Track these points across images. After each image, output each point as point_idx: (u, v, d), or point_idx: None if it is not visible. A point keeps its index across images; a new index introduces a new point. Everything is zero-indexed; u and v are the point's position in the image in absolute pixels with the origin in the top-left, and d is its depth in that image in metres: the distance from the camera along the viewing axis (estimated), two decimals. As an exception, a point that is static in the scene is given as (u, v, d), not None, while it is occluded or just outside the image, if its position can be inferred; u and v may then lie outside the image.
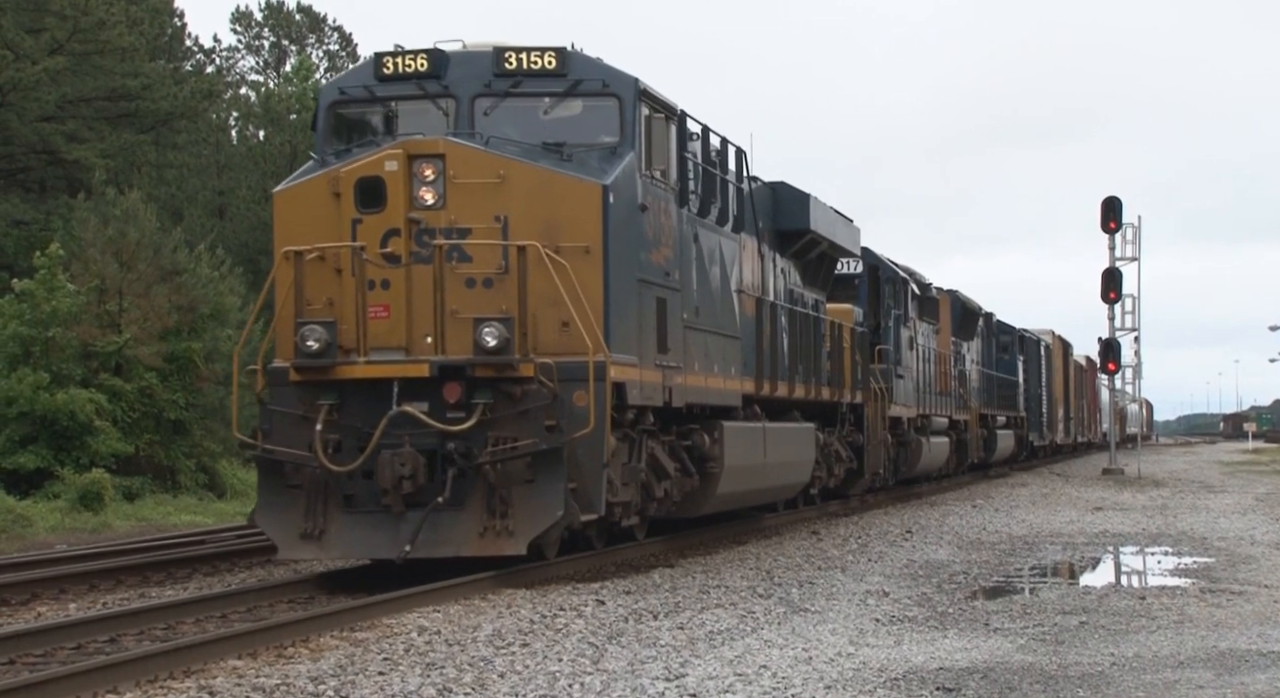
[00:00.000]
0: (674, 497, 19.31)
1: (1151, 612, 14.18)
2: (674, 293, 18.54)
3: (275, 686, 10.14)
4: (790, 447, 23.87)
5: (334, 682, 10.30)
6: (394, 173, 15.95)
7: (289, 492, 15.77)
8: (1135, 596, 15.45)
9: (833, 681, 10.52)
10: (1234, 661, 11.46)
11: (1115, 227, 49.31)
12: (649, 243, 17.70)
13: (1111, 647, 12.09)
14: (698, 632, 12.73)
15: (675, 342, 18.52)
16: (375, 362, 15.84)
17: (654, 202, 17.84)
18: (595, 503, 16.12)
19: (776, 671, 10.87)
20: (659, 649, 11.79)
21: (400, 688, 10.13)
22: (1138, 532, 24.36)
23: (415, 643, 11.95)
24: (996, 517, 27.68)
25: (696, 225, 19.62)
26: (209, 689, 10.11)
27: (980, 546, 21.65)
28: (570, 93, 17.15)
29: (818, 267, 27.78)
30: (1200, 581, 16.99)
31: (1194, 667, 11.19)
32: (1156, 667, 11.18)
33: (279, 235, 16.45)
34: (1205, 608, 14.45)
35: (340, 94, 17.39)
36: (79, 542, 22.63)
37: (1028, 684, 10.47)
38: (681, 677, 10.61)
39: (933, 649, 11.93)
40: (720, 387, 20.37)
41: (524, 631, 12.63)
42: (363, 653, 11.44)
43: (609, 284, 16.40)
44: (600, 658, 11.36)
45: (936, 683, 10.47)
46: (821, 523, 25.78)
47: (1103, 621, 13.58)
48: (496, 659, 11.21)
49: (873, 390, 29.89)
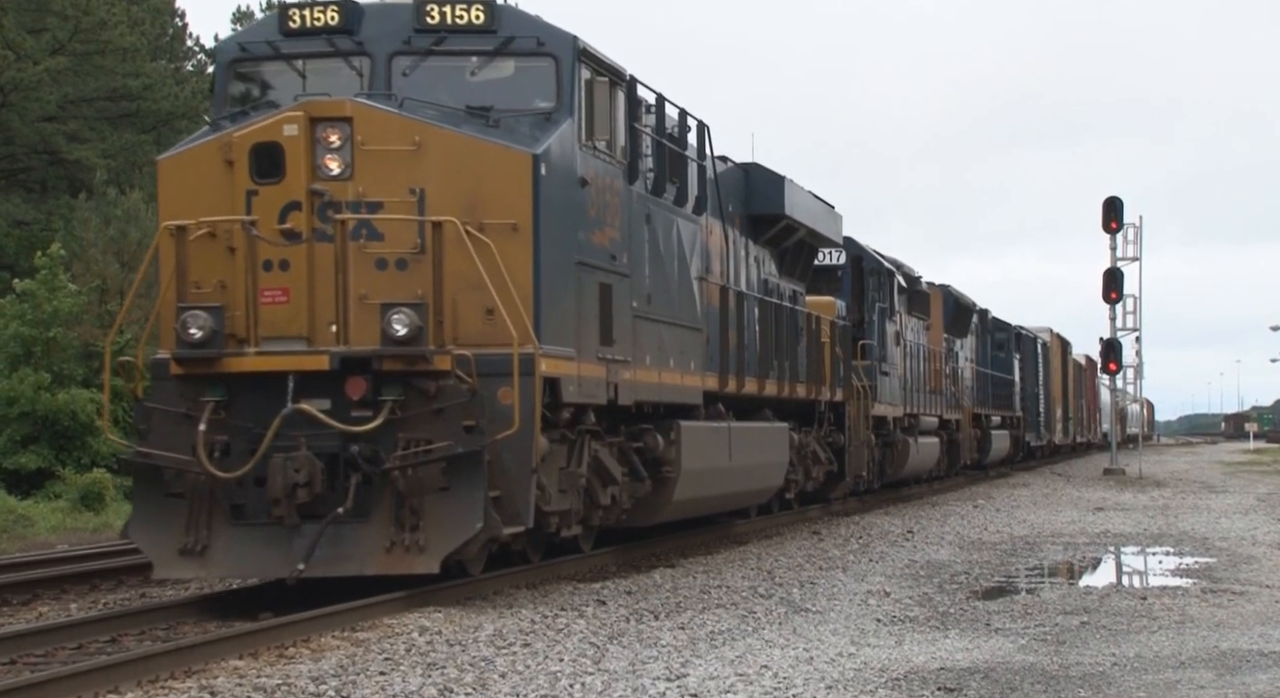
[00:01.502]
0: (624, 504, 17.42)
1: (1153, 612, 14.12)
2: (621, 278, 16.63)
3: (276, 686, 10.11)
4: (760, 448, 21.96)
5: (335, 682, 10.27)
6: (294, 138, 14.01)
7: (168, 502, 13.84)
8: (1137, 596, 15.35)
9: (834, 681, 10.50)
10: (1235, 661, 11.43)
11: (1116, 227, 49.25)
12: (590, 222, 15.79)
13: (1113, 647, 12.07)
14: (699, 632, 12.73)
15: (623, 333, 16.61)
16: (267, 352, 13.92)
17: (597, 176, 15.93)
18: (522, 513, 14.22)
19: (778, 671, 10.85)
20: (660, 649, 11.79)
21: (401, 688, 10.11)
22: (1139, 532, 24.30)
23: (416, 643, 11.86)
24: (998, 517, 27.58)
25: (649, 205, 17.70)
26: (210, 689, 10.05)
27: (981, 546, 21.61)
28: (501, 52, 15.22)
29: (796, 256, 25.86)
30: (1202, 581, 16.88)
31: (1195, 667, 11.18)
32: (1158, 667, 11.17)
33: (163, 208, 14.53)
34: (1207, 608, 14.38)
35: (241, 51, 15.46)
36: (80, 542, 22.25)
37: (1029, 685, 10.45)
38: (683, 677, 10.59)
39: (934, 649, 11.92)
40: (677, 383, 18.45)
41: (525, 631, 12.59)
42: (364, 653, 11.38)
43: (540, 266, 14.50)
44: (601, 658, 11.37)
45: (938, 683, 10.44)
46: (823, 523, 25.47)
47: (1104, 621, 13.54)
48: (498, 659, 11.21)
49: (855, 388, 27.96)
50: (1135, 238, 50.62)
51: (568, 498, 15.68)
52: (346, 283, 14.00)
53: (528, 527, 14.34)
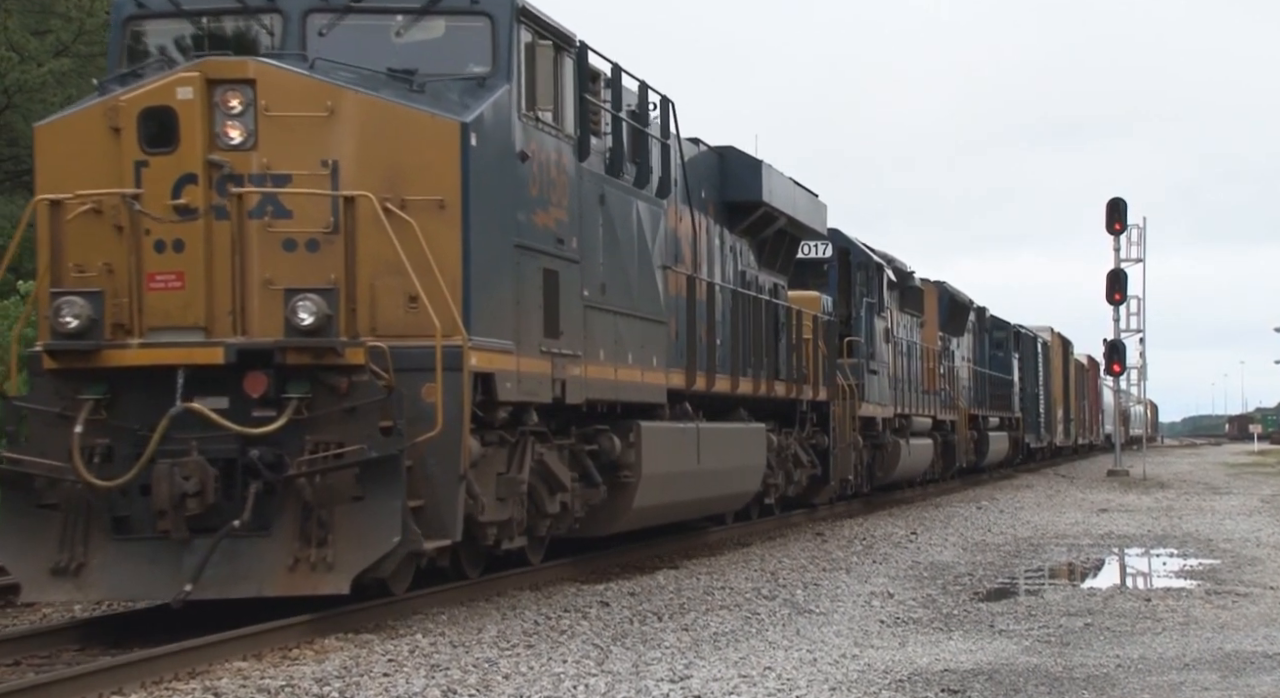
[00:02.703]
0: (576, 512, 15.83)
1: (1157, 614, 14.08)
2: (570, 264, 15.02)
3: (280, 687, 10.04)
4: (733, 451, 20.35)
5: (339, 683, 10.21)
6: (188, 102, 12.37)
7: (40, 514, 12.16)
8: (1141, 597, 15.31)
9: (837, 682, 10.45)
10: (1240, 663, 11.37)
11: (1120, 228, 49.48)
12: (532, 201, 14.18)
13: (1117, 649, 12.02)
14: (702, 633, 12.66)
15: (571, 324, 15.00)
16: (153, 344, 12.29)
17: (540, 151, 14.32)
18: (448, 525, 12.59)
19: (781, 672, 10.79)
20: (664, 651, 11.72)
21: (405, 689, 10.06)
22: (1143, 533, 24.33)
23: (420, 644, 11.72)
24: (1001, 518, 27.59)
25: (604, 185, 16.09)
26: (214, 691, 9.97)
27: (985, 547, 21.60)
28: (429, 10, 13.56)
29: (776, 247, 24.23)
30: (1206, 582, 16.85)
31: (1199, 669, 11.13)
32: (1162, 669, 11.13)
33: (40, 181, 12.91)
34: (1211, 610, 14.35)
35: (138, 7, 13.77)
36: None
37: (1033, 686, 10.40)
38: (686, 678, 10.53)
39: (938, 651, 11.86)
40: (636, 380, 16.84)
41: (528, 632, 12.49)
42: (367, 654, 11.28)
43: (470, 248, 12.87)
44: (605, 660, 11.31)
45: (941, 685, 10.39)
46: (826, 524, 25.35)
47: (1108, 622, 13.49)
48: (501, 661, 11.14)
49: (840, 387, 26.32)
50: (1139, 239, 50.62)
51: (508, 507, 14.08)
52: (246, 265, 12.37)
53: (455, 540, 12.72)
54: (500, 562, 15.37)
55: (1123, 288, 49.67)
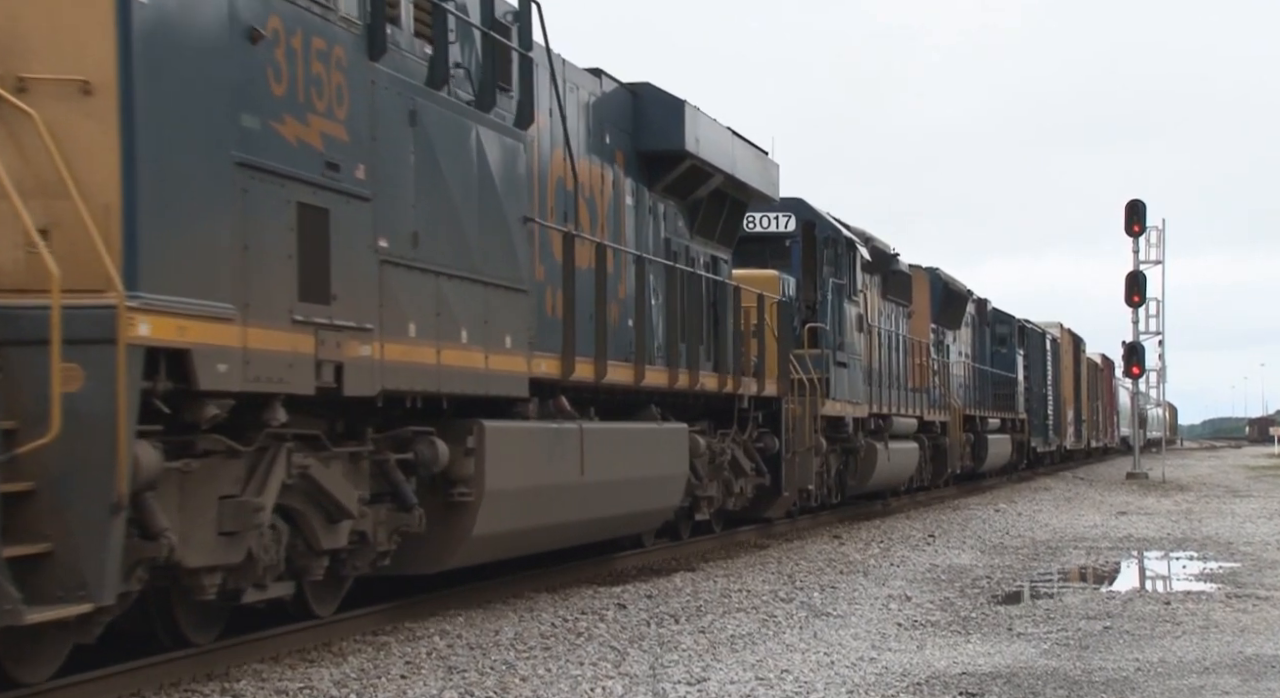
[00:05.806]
0: (379, 546, 11.57)
1: (1176, 617, 13.98)
2: (352, 201, 10.67)
3: (298, 689, 9.73)
4: (639, 458, 16.03)
5: (356, 685, 9.93)
6: None
7: None
8: (1160, 601, 15.22)
9: (855, 685, 10.31)
10: (1260, 667, 11.16)
11: (1139, 230, 49.49)
12: (275, 102, 9.83)
13: (1136, 652, 11.89)
14: (719, 636, 12.51)
15: (354, 285, 10.66)
16: None
17: (289, 32, 9.99)
18: (90, 582, 8.22)
19: (798, 675, 10.64)
20: (680, 653, 11.56)
21: (422, 692, 9.80)
22: (1162, 536, 24.15)
23: (437, 647, 11.44)
24: (1019, 521, 27.31)
25: (419, 98, 11.76)
26: (232, 693, 9.58)
27: (1003, 550, 21.46)
28: None
29: (714, 212, 19.98)
30: (1226, 586, 16.71)
31: (1219, 673, 10.94)
32: (1181, 673, 10.95)
33: None
34: (1231, 614, 14.26)
35: None
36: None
37: (1051, 690, 10.23)
38: (703, 681, 10.36)
39: (956, 654, 11.73)
40: (474, 366, 12.50)
41: (546, 635, 12.30)
42: (385, 657, 10.98)
43: (138, 158, 8.50)
44: (622, 662, 11.11)
45: (960, 688, 10.23)
46: (843, 527, 24.91)
47: (1127, 626, 13.40)
48: (519, 663, 10.91)
49: (796, 381, 21.96)
50: (1158, 241, 50.53)
51: (240, 545, 9.74)
52: None
53: (100, 604, 8.33)
54: (267, 617, 11.10)
55: (1141, 290, 49.54)
